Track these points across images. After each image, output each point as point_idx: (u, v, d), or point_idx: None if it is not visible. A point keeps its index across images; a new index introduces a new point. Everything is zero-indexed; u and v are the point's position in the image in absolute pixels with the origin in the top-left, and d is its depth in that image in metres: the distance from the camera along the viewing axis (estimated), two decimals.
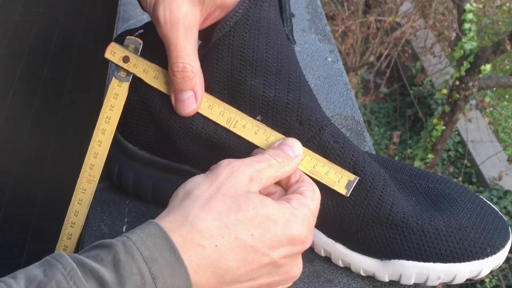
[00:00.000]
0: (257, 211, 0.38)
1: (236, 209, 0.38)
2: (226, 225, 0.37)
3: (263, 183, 0.41)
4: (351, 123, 0.64)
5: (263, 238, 0.38)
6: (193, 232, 0.36)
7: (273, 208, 0.39)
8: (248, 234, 0.37)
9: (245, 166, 0.40)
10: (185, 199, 0.38)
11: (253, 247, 0.37)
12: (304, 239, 0.40)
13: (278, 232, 0.38)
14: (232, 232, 0.37)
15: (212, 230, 0.37)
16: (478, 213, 0.46)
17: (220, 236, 0.36)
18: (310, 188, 0.42)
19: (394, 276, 0.46)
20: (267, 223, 0.38)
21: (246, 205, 0.38)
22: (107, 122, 0.48)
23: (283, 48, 0.46)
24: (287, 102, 0.46)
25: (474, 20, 2.60)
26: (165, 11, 0.43)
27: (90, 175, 0.49)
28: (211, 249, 0.36)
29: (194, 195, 0.39)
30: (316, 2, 0.85)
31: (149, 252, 0.34)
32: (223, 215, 0.37)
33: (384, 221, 0.45)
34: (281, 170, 0.42)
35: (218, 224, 0.37)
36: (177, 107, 0.46)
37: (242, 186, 0.39)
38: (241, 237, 0.37)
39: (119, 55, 0.47)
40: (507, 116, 3.69)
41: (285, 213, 0.39)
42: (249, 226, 0.37)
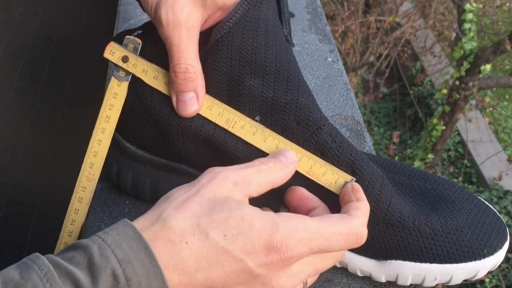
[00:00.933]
0: (232, 213, 0.37)
1: (211, 209, 0.37)
2: (199, 224, 0.36)
3: (253, 188, 0.39)
4: (351, 123, 0.64)
5: (236, 240, 0.36)
6: (164, 228, 0.36)
7: (251, 212, 0.37)
8: (221, 234, 0.36)
9: (228, 172, 0.39)
10: (163, 202, 0.38)
11: (225, 248, 0.36)
12: (285, 249, 0.36)
13: (253, 236, 0.36)
14: (204, 231, 0.36)
15: (184, 227, 0.36)
16: (475, 214, 0.46)
17: (191, 234, 0.36)
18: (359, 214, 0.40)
19: (391, 277, 0.46)
20: (242, 225, 0.36)
21: (222, 206, 0.37)
22: (106, 121, 0.49)
23: (282, 49, 0.46)
24: (285, 102, 0.46)
25: (474, 20, 2.61)
26: (167, 12, 0.43)
27: (90, 174, 0.49)
28: (181, 246, 0.35)
29: (172, 197, 0.38)
30: (316, 2, 0.85)
31: (124, 254, 0.34)
32: (196, 214, 0.36)
33: (381, 221, 0.45)
34: (272, 175, 0.41)
35: (190, 223, 0.36)
36: (178, 108, 0.46)
37: (223, 190, 0.38)
38: (212, 236, 0.36)
39: (118, 55, 0.47)
40: (507, 116, 3.69)
41: (263, 218, 0.37)
42: (222, 226, 0.36)
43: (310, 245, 0.37)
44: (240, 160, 0.47)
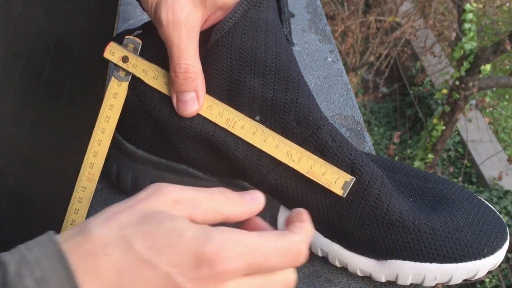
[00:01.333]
0: (161, 224, 0.33)
1: (140, 221, 0.33)
2: (124, 234, 0.33)
3: (198, 212, 0.35)
4: (351, 123, 0.64)
5: (163, 253, 0.32)
6: (86, 240, 0.33)
7: (183, 224, 0.33)
8: (146, 245, 0.32)
9: (174, 189, 0.36)
10: (96, 215, 0.35)
11: (150, 261, 0.32)
12: (217, 262, 0.32)
13: (182, 248, 0.32)
14: (129, 242, 0.32)
15: (108, 238, 0.33)
16: (475, 214, 0.46)
17: (115, 245, 0.32)
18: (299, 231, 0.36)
19: (390, 277, 0.46)
20: (171, 236, 0.33)
21: (152, 218, 0.34)
22: (106, 121, 0.49)
23: (282, 48, 0.46)
24: (285, 101, 0.46)
25: (474, 20, 2.61)
26: (167, 12, 0.43)
27: (90, 174, 0.49)
28: (102, 258, 0.32)
29: (105, 210, 0.35)
30: (316, 2, 0.85)
31: (41, 273, 0.31)
32: (123, 225, 0.33)
33: (380, 221, 0.45)
34: (226, 207, 0.37)
35: (115, 233, 0.33)
36: (179, 108, 0.46)
37: (161, 205, 0.35)
38: (137, 248, 0.32)
39: (118, 55, 0.47)
40: (507, 116, 3.69)
41: (196, 230, 0.33)
42: (149, 238, 0.33)
43: (247, 260, 0.33)
44: (240, 160, 0.47)
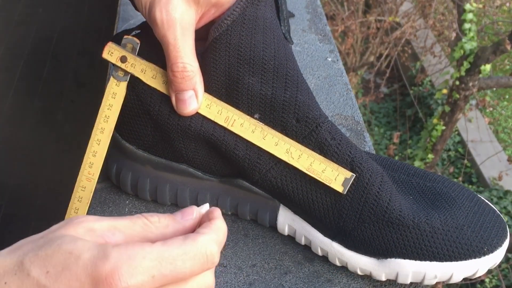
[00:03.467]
0: (61, 247, 0.32)
1: (41, 246, 0.32)
2: (22, 261, 0.32)
3: (117, 239, 0.34)
4: (351, 123, 0.64)
5: (60, 277, 0.31)
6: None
7: (83, 245, 0.32)
8: (43, 271, 0.31)
9: (90, 219, 0.34)
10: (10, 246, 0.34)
11: (47, 287, 0.31)
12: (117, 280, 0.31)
13: (79, 270, 0.31)
14: (26, 269, 0.31)
15: (7, 267, 0.32)
16: (475, 212, 0.46)
17: (12, 273, 0.31)
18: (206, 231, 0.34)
19: (390, 275, 0.46)
20: (68, 259, 0.31)
21: (53, 242, 0.32)
22: (105, 121, 0.49)
23: (280, 46, 0.46)
24: (284, 99, 0.46)
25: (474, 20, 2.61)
26: (161, 12, 0.43)
27: (90, 173, 0.49)
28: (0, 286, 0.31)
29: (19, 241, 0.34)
30: (316, 2, 0.85)
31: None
32: (24, 253, 0.32)
33: (380, 219, 0.45)
34: (151, 230, 0.35)
35: (15, 261, 0.32)
36: (178, 107, 0.46)
37: (69, 232, 0.33)
38: (34, 274, 0.31)
39: (116, 55, 0.47)
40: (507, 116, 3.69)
41: (94, 250, 0.32)
42: (46, 263, 0.31)
43: (152, 272, 0.32)
44: (240, 159, 0.47)
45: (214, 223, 0.35)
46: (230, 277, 0.49)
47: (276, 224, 0.51)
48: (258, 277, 0.49)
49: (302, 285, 0.48)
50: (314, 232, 0.48)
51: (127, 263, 0.31)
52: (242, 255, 0.51)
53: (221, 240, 0.35)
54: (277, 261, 0.50)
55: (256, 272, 0.49)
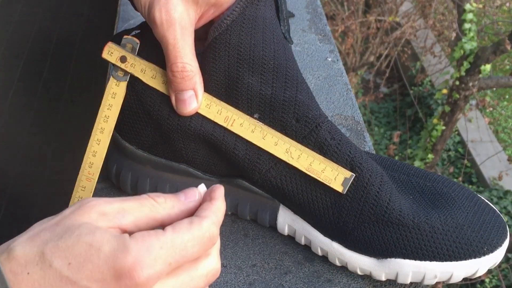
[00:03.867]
0: (80, 239, 0.33)
1: (61, 236, 0.33)
2: (43, 252, 0.33)
3: (127, 221, 0.35)
4: (351, 123, 0.64)
5: (82, 269, 0.32)
6: (9, 258, 0.33)
7: (101, 236, 0.33)
8: (65, 262, 0.32)
9: (100, 202, 0.35)
10: (23, 233, 0.35)
11: (70, 278, 0.32)
12: (139, 271, 0.32)
13: (100, 263, 0.32)
14: (48, 260, 0.32)
15: (28, 256, 0.33)
16: (475, 212, 0.46)
17: (34, 264, 0.32)
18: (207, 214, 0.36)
19: (390, 275, 0.46)
20: (89, 251, 0.33)
21: (72, 232, 0.33)
22: (105, 121, 0.49)
23: (280, 46, 0.46)
24: (284, 99, 0.46)
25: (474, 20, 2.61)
26: (161, 12, 0.43)
27: (90, 173, 0.49)
28: (22, 277, 0.32)
29: (32, 227, 0.35)
30: (316, 2, 0.85)
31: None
32: (44, 242, 0.33)
33: (380, 219, 0.45)
34: (158, 211, 0.37)
35: (36, 251, 0.33)
36: (178, 107, 0.46)
37: (85, 218, 0.34)
38: (56, 265, 0.32)
39: (116, 55, 0.47)
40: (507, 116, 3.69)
41: (114, 242, 0.33)
42: (67, 254, 0.32)
43: (168, 260, 0.34)
44: (240, 159, 0.47)
45: (214, 205, 0.37)
46: (230, 277, 0.49)
47: (276, 224, 0.51)
48: (258, 277, 0.49)
49: (302, 285, 0.48)
50: (314, 232, 0.48)
51: (146, 254, 0.33)
52: (242, 255, 0.51)
53: (220, 220, 0.37)
54: (277, 261, 0.50)
55: (256, 272, 0.49)
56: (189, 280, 0.36)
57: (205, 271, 0.37)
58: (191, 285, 0.36)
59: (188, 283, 0.36)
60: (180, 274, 0.35)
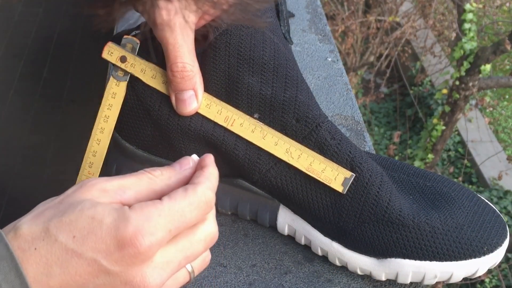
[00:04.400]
0: (83, 213, 0.35)
1: (64, 212, 0.35)
2: (48, 227, 0.34)
3: (129, 196, 0.37)
4: (351, 123, 0.64)
5: (86, 241, 0.34)
6: (15, 236, 0.34)
7: (103, 210, 0.35)
8: (70, 236, 0.34)
9: (100, 180, 0.37)
10: (29, 212, 0.37)
11: (75, 250, 0.34)
12: (135, 241, 0.34)
13: (103, 234, 0.34)
14: (53, 235, 0.34)
15: (34, 233, 0.34)
16: (475, 212, 0.46)
17: (40, 239, 0.34)
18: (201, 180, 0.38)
19: (390, 275, 0.46)
20: (92, 224, 0.34)
21: (74, 207, 0.35)
22: (105, 121, 0.49)
23: (280, 46, 0.46)
24: (284, 99, 0.46)
25: (474, 20, 2.61)
26: (161, 12, 0.43)
27: (89, 173, 0.49)
28: (30, 253, 0.34)
29: (37, 207, 0.36)
30: (316, 2, 0.85)
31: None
32: (48, 218, 0.35)
33: (380, 218, 0.45)
34: (156, 183, 0.38)
35: (41, 228, 0.34)
36: (178, 107, 0.46)
37: (86, 196, 0.36)
38: (61, 239, 0.34)
39: (116, 55, 0.47)
40: (507, 116, 3.69)
41: (114, 214, 0.35)
42: (72, 228, 0.34)
43: (168, 227, 0.35)
44: (240, 159, 0.47)
45: (206, 171, 0.39)
46: (230, 277, 0.49)
47: (276, 224, 0.51)
48: (258, 277, 0.49)
49: (302, 285, 0.48)
50: (314, 232, 0.48)
51: (146, 223, 0.34)
52: (242, 255, 0.51)
53: (214, 185, 0.39)
54: (277, 261, 0.50)
55: (256, 272, 0.49)
56: (189, 246, 0.37)
57: (203, 235, 0.38)
58: (190, 250, 0.37)
59: (188, 248, 0.37)
60: (180, 241, 0.37)
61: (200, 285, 0.48)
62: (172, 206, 0.36)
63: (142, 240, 0.34)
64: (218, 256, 0.50)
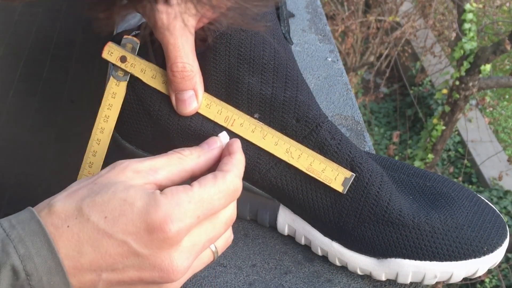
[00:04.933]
0: (115, 195, 0.36)
1: (97, 193, 0.36)
2: (81, 206, 0.36)
3: (162, 176, 0.39)
4: (351, 123, 0.64)
5: (117, 222, 0.35)
6: (49, 213, 0.36)
7: (135, 193, 0.36)
8: (101, 216, 0.35)
9: (133, 162, 0.39)
10: (62, 191, 0.38)
11: (106, 231, 0.35)
12: (164, 226, 0.35)
13: (134, 217, 0.35)
14: (85, 214, 0.35)
15: (68, 211, 0.36)
16: (475, 212, 0.46)
17: (73, 218, 0.35)
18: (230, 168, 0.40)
19: (390, 275, 0.46)
20: (124, 206, 0.36)
21: (108, 189, 0.36)
22: (105, 121, 0.49)
23: (280, 47, 0.46)
24: (284, 99, 0.46)
25: (474, 20, 2.61)
26: (161, 12, 0.43)
27: (89, 173, 0.49)
28: (63, 230, 0.35)
29: (70, 186, 0.38)
30: (316, 2, 0.85)
31: (25, 250, 0.34)
32: (81, 198, 0.36)
33: (380, 218, 0.45)
34: (187, 163, 0.40)
35: (74, 206, 0.36)
36: (178, 107, 0.46)
37: (119, 178, 0.37)
38: (93, 219, 0.35)
39: (116, 55, 0.47)
40: (507, 116, 3.69)
41: (146, 198, 0.36)
42: (103, 208, 0.35)
43: (197, 214, 0.37)
44: None
45: (234, 158, 0.41)
46: (230, 277, 0.49)
47: (276, 224, 0.51)
48: (258, 277, 0.49)
49: (302, 285, 0.48)
50: (314, 232, 0.48)
51: (176, 209, 0.36)
52: (242, 255, 0.51)
53: (241, 172, 0.41)
54: (277, 261, 0.50)
55: (256, 272, 0.49)
56: (212, 229, 0.39)
57: (224, 218, 0.40)
58: (213, 232, 0.39)
59: (211, 231, 0.39)
60: (204, 224, 0.38)
61: (200, 285, 0.48)
62: (202, 193, 0.37)
63: (171, 225, 0.35)
64: (218, 256, 0.50)
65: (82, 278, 0.36)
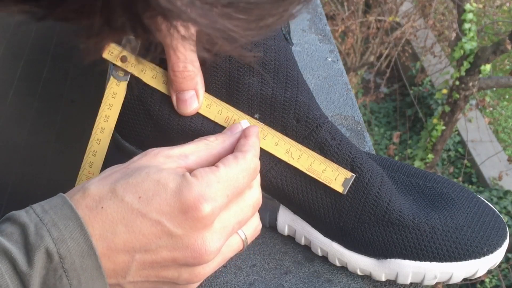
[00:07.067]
0: (149, 176, 0.37)
1: (130, 175, 0.37)
2: (115, 188, 0.36)
3: (191, 161, 0.40)
4: (351, 123, 0.64)
5: (151, 202, 0.36)
6: (84, 195, 0.36)
7: (168, 174, 0.37)
8: (136, 196, 0.36)
9: (164, 149, 0.40)
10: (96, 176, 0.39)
11: (140, 210, 0.36)
12: (199, 205, 0.36)
13: (168, 197, 0.36)
14: (119, 195, 0.36)
15: (102, 193, 0.36)
16: (475, 212, 0.46)
17: (107, 199, 0.36)
18: (248, 148, 0.41)
19: (390, 276, 0.46)
20: (157, 186, 0.36)
21: (140, 171, 0.37)
22: (105, 121, 0.49)
23: (281, 47, 0.46)
24: (284, 99, 0.46)
25: (474, 20, 2.61)
26: None
27: (89, 173, 0.49)
28: (97, 211, 0.36)
29: (104, 171, 0.39)
30: (316, 2, 0.85)
31: (59, 233, 0.34)
32: (115, 180, 0.37)
33: (380, 219, 0.45)
34: (214, 147, 0.41)
35: (108, 188, 0.37)
36: (179, 107, 0.46)
37: (152, 162, 0.39)
38: (127, 199, 0.36)
39: (116, 55, 0.47)
40: (507, 116, 3.69)
41: (178, 179, 0.37)
42: (138, 189, 0.36)
43: (226, 192, 0.38)
44: None
45: (250, 140, 0.42)
46: (230, 277, 0.49)
47: (276, 224, 0.51)
48: (258, 277, 0.49)
49: (302, 285, 0.48)
50: (314, 232, 0.48)
51: (208, 189, 0.37)
52: (242, 255, 0.51)
53: (258, 153, 0.42)
54: (277, 261, 0.50)
55: (256, 272, 0.49)
56: (240, 211, 0.40)
57: (251, 201, 0.41)
58: (242, 215, 0.40)
59: (239, 213, 0.40)
60: (231, 207, 0.39)
61: (200, 285, 0.48)
62: (228, 172, 0.38)
63: (206, 204, 0.36)
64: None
65: (115, 259, 0.36)
